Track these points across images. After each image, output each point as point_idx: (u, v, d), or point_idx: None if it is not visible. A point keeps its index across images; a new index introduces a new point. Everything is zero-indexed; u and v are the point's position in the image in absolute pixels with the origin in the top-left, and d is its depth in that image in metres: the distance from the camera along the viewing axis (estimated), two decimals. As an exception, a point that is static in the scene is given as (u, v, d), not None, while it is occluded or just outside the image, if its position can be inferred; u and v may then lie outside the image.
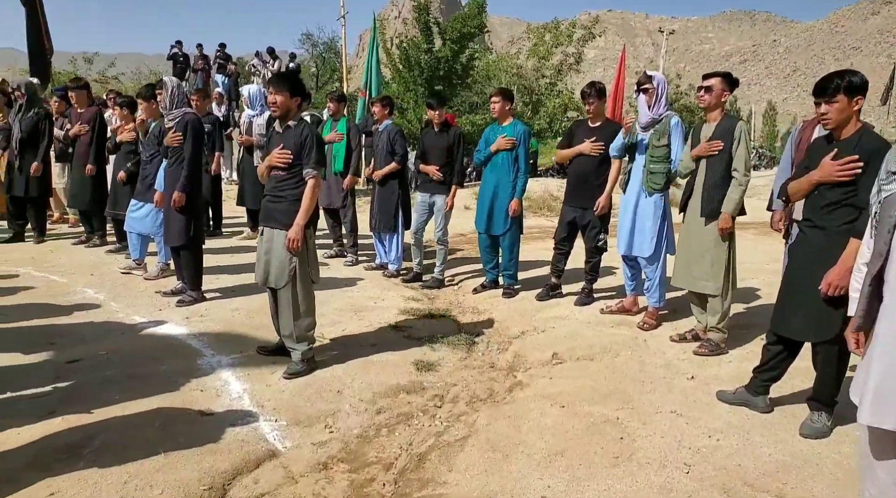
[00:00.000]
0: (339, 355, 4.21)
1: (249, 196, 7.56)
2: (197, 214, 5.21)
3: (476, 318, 5.24)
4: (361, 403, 3.57)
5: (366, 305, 5.36)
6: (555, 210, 10.72)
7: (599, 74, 58.23)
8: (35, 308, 4.93)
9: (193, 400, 3.47)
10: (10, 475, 2.67)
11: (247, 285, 5.72)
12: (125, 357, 4.05)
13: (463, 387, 3.88)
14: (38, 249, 7.03)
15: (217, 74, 16.72)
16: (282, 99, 3.76)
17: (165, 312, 5.02)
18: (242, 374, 3.87)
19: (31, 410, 3.25)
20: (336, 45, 25.10)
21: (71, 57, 28.01)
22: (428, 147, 6.00)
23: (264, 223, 3.95)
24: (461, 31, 15.40)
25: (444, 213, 5.94)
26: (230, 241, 7.77)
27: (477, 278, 6.31)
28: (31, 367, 3.85)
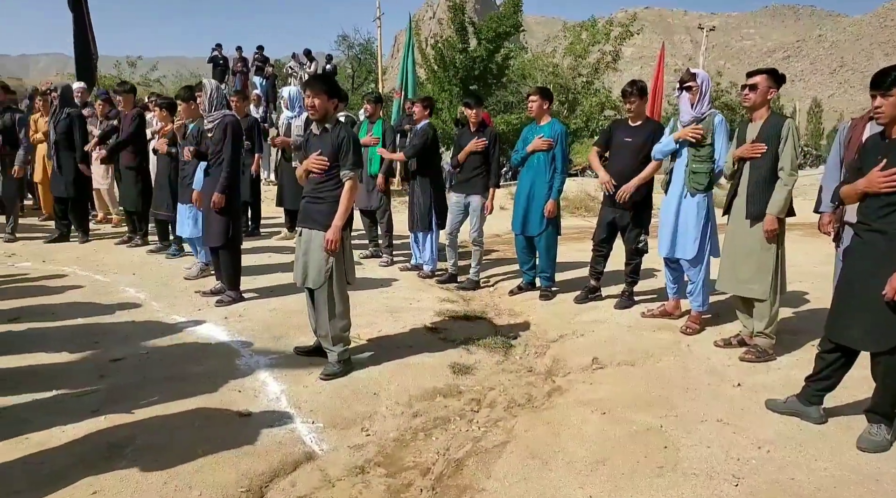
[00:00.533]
0: (375, 357, 4.19)
1: (288, 197, 7.63)
2: (236, 216, 5.26)
3: (513, 320, 5.17)
4: (398, 406, 3.54)
5: (401, 306, 5.34)
6: (592, 210, 10.57)
7: (636, 72, 57.40)
8: (80, 307, 5.04)
9: (232, 401, 3.49)
10: (57, 472, 2.71)
11: (284, 286, 5.75)
12: (165, 356, 4.10)
13: (500, 391, 3.82)
14: (82, 248, 7.20)
15: (255, 76, 16.96)
16: (319, 101, 3.76)
17: (205, 311, 5.08)
18: (280, 374, 3.87)
19: (76, 408, 3.30)
20: (372, 47, 25.24)
21: (115, 61, 28.84)
22: (464, 147, 5.94)
23: (302, 224, 3.96)
24: (496, 30, 15.31)
25: (480, 214, 5.88)
26: (268, 241, 7.85)
27: (513, 280, 6.24)
28: (77, 365, 3.92)
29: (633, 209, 5.01)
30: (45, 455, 2.85)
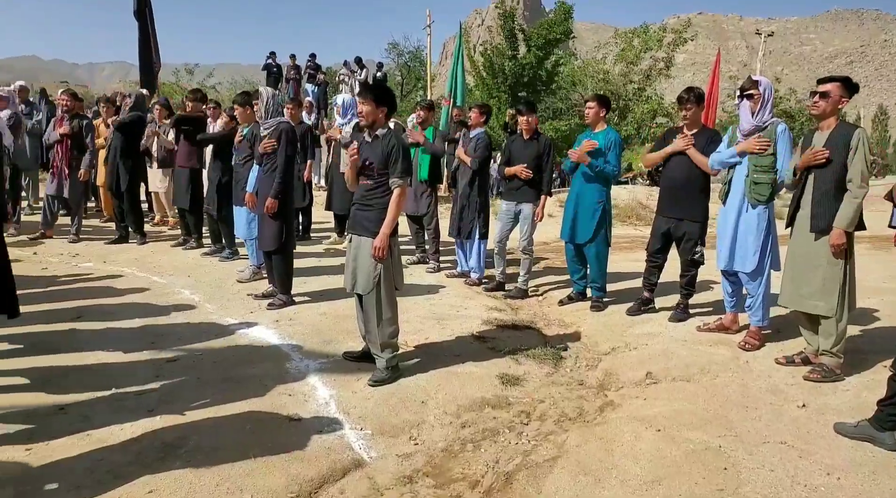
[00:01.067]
0: (423, 364, 4.17)
1: (337, 201, 7.74)
2: (289, 221, 5.34)
3: (562, 331, 5.08)
4: (446, 416, 3.51)
5: (448, 314, 5.31)
6: (644, 219, 10.35)
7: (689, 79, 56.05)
8: (138, 308, 5.19)
9: (282, 404, 3.52)
10: (116, 470, 2.77)
11: (333, 290, 5.81)
12: (218, 358, 4.17)
13: (550, 404, 3.74)
14: (140, 250, 7.43)
15: (307, 84, 17.28)
16: (368, 108, 3.78)
17: (256, 314, 5.16)
18: (329, 379, 3.89)
19: (133, 407, 3.38)
20: (421, 54, 25.45)
21: (174, 68, 29.87)
22: (516, 155, 5.88)
23: (352, 230, 3.98)
24: (546, 37, 15.23)
25: (531, 223, 5.81)
26: (318, 245, 7.94)
27: (562, 289, 6.14)
28: (134, 365, 4.03)
29: (689, 219, 4.87)
30: (105, 452, 2.93)
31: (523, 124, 5.87)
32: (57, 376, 3.74)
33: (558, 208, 10.17)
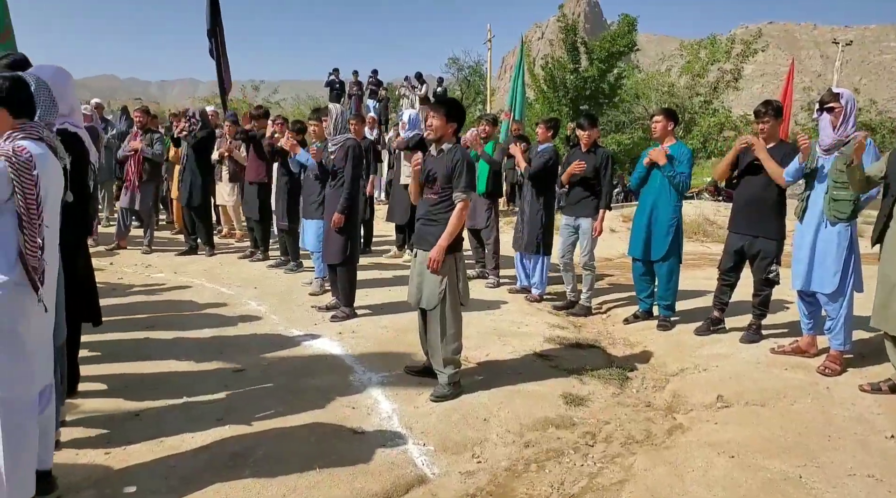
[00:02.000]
0: (485, 381, 4.13)
1: (398, 212, 7.84)
2: (354, 235, 5.43)
3: (628, 350, 4.94)
4: (509, 434, 3.46)
5: (509, 330, 5.26)
6: (711, 235, 10.02)
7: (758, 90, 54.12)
8: (207, 318, 5.35)
9: (345, 417, 3.55)
10: (187, 476, 2.86)
11: (395, 304, 5.85)
12: (284, 369, 4.25)
13: (617, 425, 3.63)
14: (209, 262, 7.68)
15: (368, 99, 17.61)
16: (438, 123, 3.80)
17: (320, 326, 5.24)
18: (391, 393, 3.90)
19: (203, 416, 3.48)
20: (481, 69, 25.58)
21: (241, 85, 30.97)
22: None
23: (417, 245, 4.00)
24: (609, 50, 15.04)
25: (590, 237, 5.71)
26: (380, 258, 8.03)
27: (626, 307, 5.99)
28: (204, 374, 4.15)
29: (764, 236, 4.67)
30: (177, 459, 3.02)
31: (583, 138, 5.79)
32: (132, 384, 3.89)
33: (621, 223, 9.97)
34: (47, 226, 2.38)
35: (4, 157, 2.28)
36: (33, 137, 2.42)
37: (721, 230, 9.48)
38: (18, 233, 2.26)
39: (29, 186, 2.29)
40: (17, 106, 2.41)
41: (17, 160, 2.29)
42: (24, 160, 2.30)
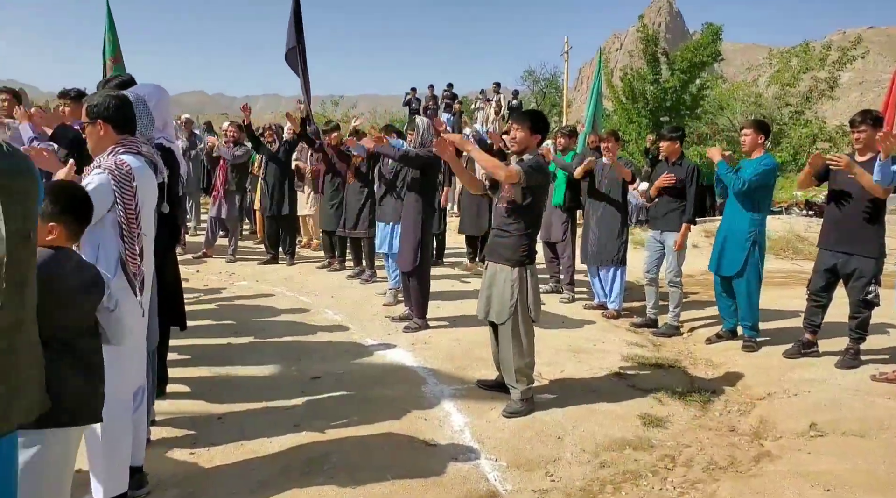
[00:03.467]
0: (559, 399, 4.05)
1: (469, 224, 7.86)
2: (427, 244, 5.49)
3: (711, 372, 4.72)
4: (584, 454, 3.36)
5: (584, 347, 5.14)
6: (801, 252, 9.47)
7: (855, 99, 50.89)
8: (287, 326, 5.52)
9: (418, 428, 3.56)
10: (265, 480, 2.94)
11: (467, 317, 5.83)
12: (358, 378, 4.32)
13: (698, 449, 3.47)
14: (289, 271, 7.93)
15: (443, 113, 17.78)
16: (522, 134, 3.78)
17: (393, 336, 5.30)
18: (463, 406, 3.89)
19: (281, 421, 3.58)
20: (557, 80, 25.40)
21: (321, 100, 32.01)
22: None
23: (489, 258, 3.98)
24: (692, 60, 14.57)
25: (677, 253, 5.51)
26: (452, 270, 8.06)
27: (709, 326, 5.73)
28: (282, 379, 4.28)
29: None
30: (256, 463, 3.11)
31: (667, 150, 5.63)
32: (217, 387, 4.06)
33: (703, 238, 9.60)
34: (145, 234, 2.52)
35: (108, 170, 2.44)
36: (132, 152, 2.57)
37: (813, 247, 8.96)
38: (119, 241, 2.41)
39: (129, 197, 2.44)
40: (120, 122, 2.58)
41: (119, 173, 2.44)
42: (124, 173, 2.45)
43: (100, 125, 2.54)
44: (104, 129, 2.55)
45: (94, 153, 2.61)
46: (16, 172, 1.39)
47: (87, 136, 2.58)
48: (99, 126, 2.54)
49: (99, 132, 2.54)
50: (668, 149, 5.63)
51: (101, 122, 2.54)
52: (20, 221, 1.38)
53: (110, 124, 2.55)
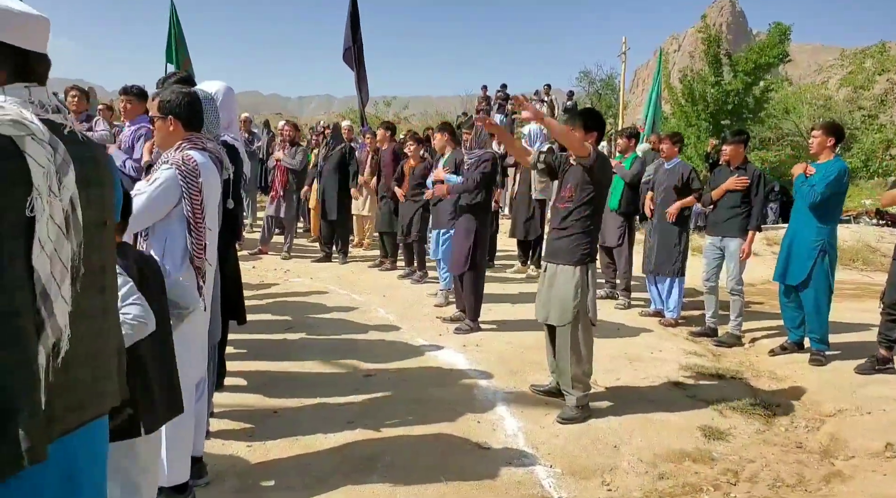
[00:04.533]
0: (615, 407, 3.95)
1: (521, 227, 7.78)
2: (482, 246, 5.45)
3: (775, 385, 4.53)
4: (641, 464, 3.27)
5: (641, 355, 5.01)
6: (872, 263, 9.02)
7: (929, 103, 48.07)
8: (340, 323, 5.58)
9: (471, 431, 3.52)
10: (321, 476, 2.97)
11: (519, 321, 5.78)
12: (411, 377, 4.32)
13: (763, 465, 3.32)
14: (342, 269, 8.02)
15: (496, 114, 17.72)
16: (579, 135, 3.71)
17: (444, 338, 5.28)
18: (517, 410, 3.84)
19: (335, 418, 3.61)
20: (613, 82, 24.97)
21: (374, 101, 32.31)
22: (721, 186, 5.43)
23: (548, 259, 3.91)
24: (756, 61, 14.06)
25: (738, 260, 5.30)
26: (503, 273, 7.99)
27: (772, 338, 5.50)
28: (336, 376, 4.31)
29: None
30: (312, 458, 3.14)
31: (730, 154, 5.41)
32: (272, 381, 4.12)
33: (764, 246, 9.25)
34: (209, 228, 2.57)
35: (175, 165, 2.50)
36: (198, 147, 2.63)
37: (885, 258, 8.52)
38: (187, 235, 2.46)
39: (195, 192, 2.48)
40: (189, 119, 2.64)
41: (186, 168, 2.49)
42: (191, 168, 2.50)
43: (170, 121, 2.60)
44: (174, 125, 2.61)
45: (161, 147, 2.68)
46: (92, 160, 1.41)
47: (155, 130, 2.65)
48: (170, 122, 2.60)
49: (169, 127, 2.61)
50: (732, 153, 5.43)
51: (171, 117, 2.60)
52: (98, 209, 1.41)
53: (180, 121, 2.61)
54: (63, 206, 1.27)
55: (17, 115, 1.23)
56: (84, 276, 1.35)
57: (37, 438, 1.21)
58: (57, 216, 1.25)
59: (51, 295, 1.25)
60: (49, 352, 1.26)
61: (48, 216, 1.23)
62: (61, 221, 1.26)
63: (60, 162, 1.27)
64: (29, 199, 1.21)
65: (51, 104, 1.35)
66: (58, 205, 1.25)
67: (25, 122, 1.23)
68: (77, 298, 1.33)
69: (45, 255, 1.23)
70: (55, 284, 1.25)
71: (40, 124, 1.26)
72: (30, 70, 1.35)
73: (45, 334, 1.25)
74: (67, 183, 1.28)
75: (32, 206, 1.21)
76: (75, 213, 1.30)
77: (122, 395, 1.54)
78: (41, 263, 1.22)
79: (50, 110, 1.34)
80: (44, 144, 1.24)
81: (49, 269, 1.24)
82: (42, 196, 1.22)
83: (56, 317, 1.26)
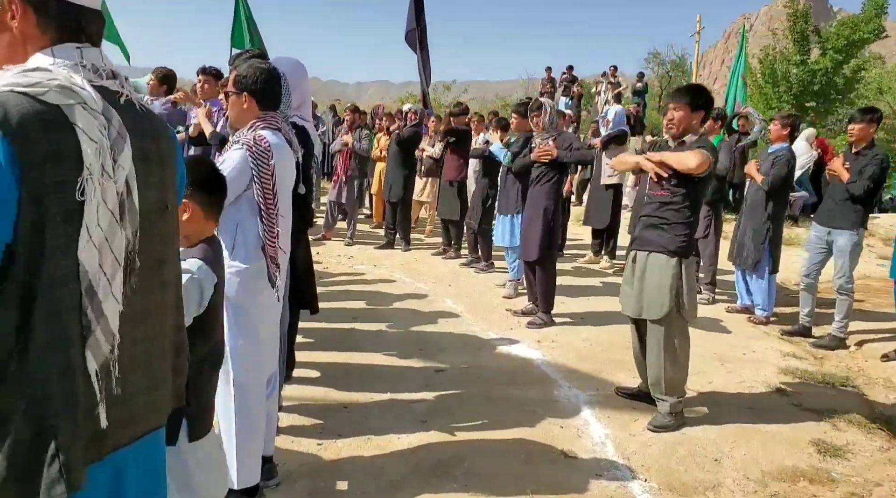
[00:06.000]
0: (711, 415, 3.60)
1: (595, 216, 7.40)
2: (554, 233, 5.15)
3: (893, 395, 4.06)
4: (748, 482, 2.92)
5: (733, 356, 4.61)
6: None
7: None
8: (406, 314, 5.37)
9: (554, 436, 3.25)
10: (395, 480, 2.76)
11: (595, 314, 5.46)
12: (483, 373, 4.07)
13: (893, 490, 2.92)
14: (405, 256, 7.82)
15: (562, 96, 17.14)
16: (680, 114, 3.34)
17: (516, 331, 5.01)
18: (602, 415, 3.54)
19: (407, 416, 3.40)
20: (685, 63, 23.91)
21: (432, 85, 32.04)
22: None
23: (638, 247, 3.55)
24: (849, 38, 13.04)
25: (848, 255, 4.77)
26: (575, 263, 7.63)
27: (882, 341, 4.98)
28: (405, 370, 4.10)
29: None
30: (385, 459, 2.94)
31: (858, 134, 4.82)
32: (341, 373, 3.94)
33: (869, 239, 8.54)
34: (282, 215, 2.36)
35: (246, 145, 2.29)
36: (272, 127, 2.42)
37: None
38: (258, 222, 2.26)
39: (266, 175, 2.28)
40: (265, 97, 2.43)
41: (257, 149, 2.29)
42: (263, 149, 2.29)
43: (245, 98, 2.40)
44: (248, 103, 2.40)
45: (233, 126, 2.49)
46: (152, 134, 1.20)
47: (229, 106, 2.45)
48: (244, 98, 2.40)
49: (243, 105, 2.40)
50: (861, 133, 4.79)
51: (246, 94, 2.39)
52: (158, 190, 1.20)
53: (255, 98, 2.41)
54: (117, 189, 1.05)
55: (66, 80, 1.02)
56: (140, 270, 1.13)
57: (76, 462, 1.01)
58: (110, 200, 1.04)
59: (99, 293, 1.03)
60: (98, 358, 1.05)
61: (99, 200, 1.01)
62: (115, 206, 1.05)
63: (115, 136, 1.05)
64: (79, 180, 0.99)
65: (105, 69, 1.13)
66: (111, 187, 1.04)
67: (76, 89, 1.01)
68: (131, 296, 1.11)
69: (94, 245, 1.02)
70: (105, 280, 1.04)
71: (93, 91, 1.04)
72: (81, 28, 1.13)
73: (94, 338, 1.04)
74: (123, 161, 1.06)
75: (83, 189, 0.99)
76: (131, 196, 1.08)
77: (178, 401, 1.34)
78: (88, 254, 1.01)
79: (104, 76, 1.12)
80: (96, 115, 1.02)
81: (98, 262, 1.03)
82: (94, 176, 1.00)
83: (107, 318, 1.05)
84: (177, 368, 1.34)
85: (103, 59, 1.15)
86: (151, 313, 1.21)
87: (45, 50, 1.08)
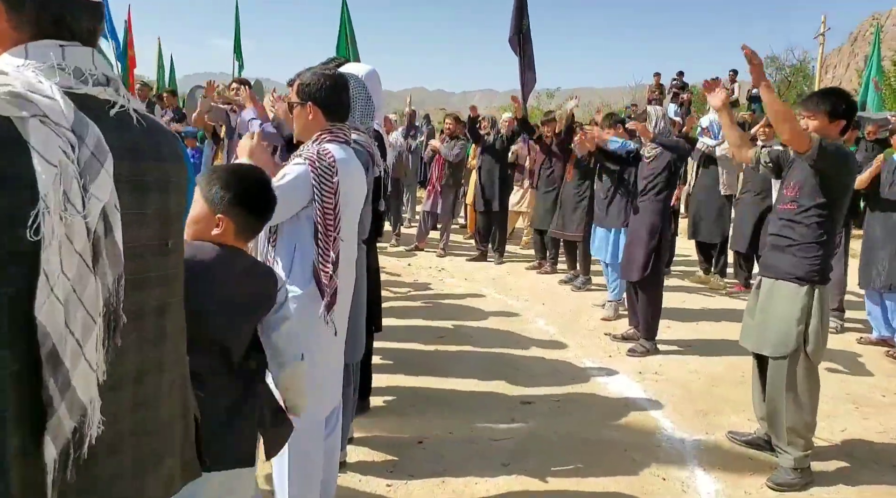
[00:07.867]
0: (845, 470, 3.06)
1: (704, 229, 6.76)
2: (660, 252, 4.68)
3: None
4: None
5: (871, 398, 3.97)
6: None
7: None
8: (495, 334, 5.06)
9: (655, 491, 2.84)
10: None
11: (704, 342, 4.94)
12: (577, 409, 3.69)
13: None
14: (497, 270, 7.52)
15: (670, 103, 16.24)
16: (815, 124, 2.84)
17: (615, 359, 4.58)
18: (712, 466, 3.07)
19: (488, 455, 3.08)
20: (807, 67, 22.07)
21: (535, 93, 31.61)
22: None
23: (763, 272, 3.08)
24: None
25: None
26: (682, 282, 7.02)
27: None
28: (490, 399, 3.79)
29: None
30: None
31: None
32: (419, 401, 3.69)
33: None
34: (342, 239, 2.13)
35: (308, 160, 2.09)
36: (339, 141, 2.21)
37: None
38: (314, 245, 2.05)
39: (328, 193, 2.06)
40: (331, 107, 2.22)
41: (321, 164, 2.08)
42: (326, 165, 2.08)
43: (310, 108, 2.20)
44: (314, 113, 2.20)
45: (299, 138, 2.30)
46: (154, 155, 0.98)
47: (294, 117, 2.26)
48: (309, 109, 2.20)
49: (308, 115, 2.21)
50: None
51: (311, 104, 2.19)
52: (156, 225, 0.98)
53: (321, 108, 2.20)
54: (89, 225, 0.83)
55: (24, 86, 0.81)
56: (132, 323, 0.91)
57: None
58: (77, 240, 0.81)
59: (65, 359, 0.81)
60: (59, 442, 0.83)
61: (62, 240, 0.79)
62: (84, 248, 0.82)
63: (88, 158, 0.83)
64: (32, 215, 0.78)
65: (95, 72, 0.92)
66: (79, 223, 0.81)
67: (33, 97, 0.80)
68: (116, 357, 0.89)
69: (56, 299, 0.80)
70: (73, 342, 0.82)
71: (61, 100, 0.82)
72: (65, 24, 0.92)
73: (56, 419, 0.82)
74: (97, 190, 0.83)
75: (37, 226, 0.77)
76: (111, 235, 0.86)
77: (192, 474, 1.11)
78: (49, 312, 0.79)
79: (91, 81, 0.91)
80: (60, 131, 0.80)
81: (62, 320, 0.80)
82: (52, 209, 0.78)
83: (76, 390, 0.83)
84: (187, 433, 1.12)
85: (94, 60, 0.94)
86: (145, 375, 0.99)
87: (18, 48, 0.89)
